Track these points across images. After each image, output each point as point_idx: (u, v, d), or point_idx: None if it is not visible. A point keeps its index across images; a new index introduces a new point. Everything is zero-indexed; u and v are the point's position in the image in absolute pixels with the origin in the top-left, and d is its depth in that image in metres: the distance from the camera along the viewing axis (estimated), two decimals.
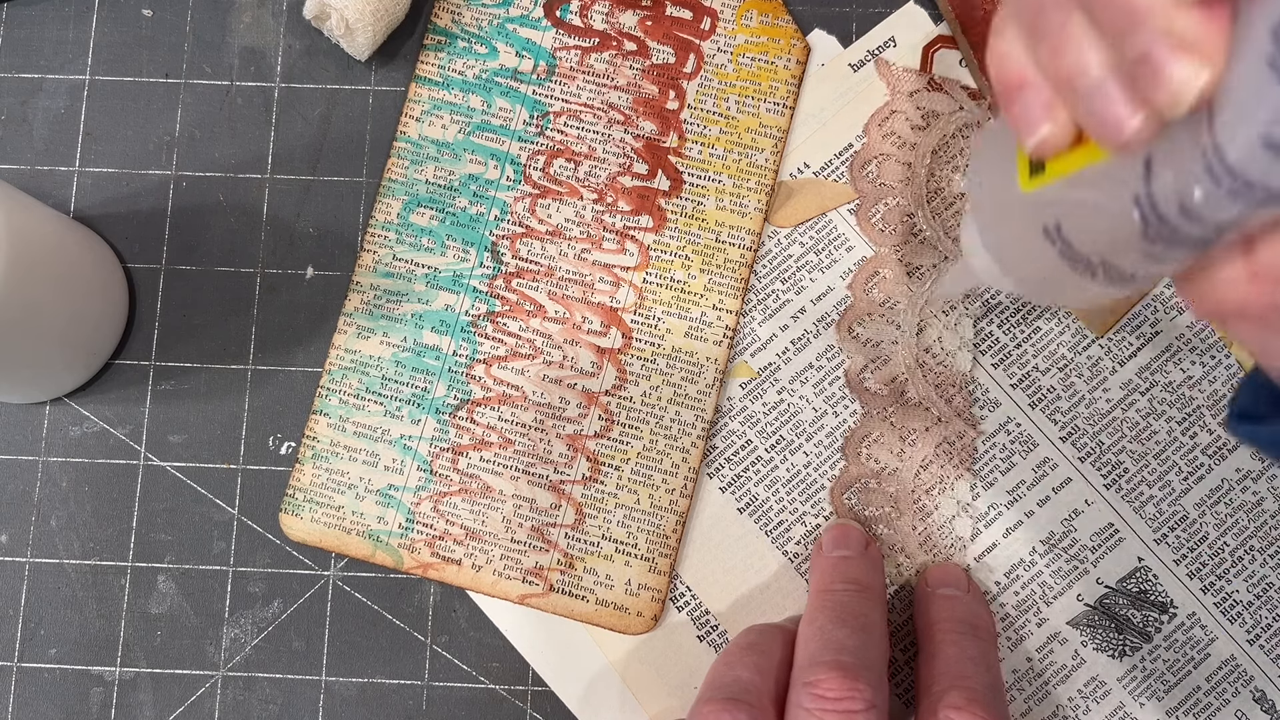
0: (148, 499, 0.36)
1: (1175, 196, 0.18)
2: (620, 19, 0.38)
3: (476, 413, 0.36)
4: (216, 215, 0.38)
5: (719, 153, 0.37)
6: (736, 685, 0.29)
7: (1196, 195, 0.18)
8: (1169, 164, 0.18)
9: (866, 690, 0.28)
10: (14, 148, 0.38)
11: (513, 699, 0.35)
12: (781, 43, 0.38)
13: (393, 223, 0.37)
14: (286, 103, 0.38)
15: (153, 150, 0.38)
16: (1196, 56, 0.17)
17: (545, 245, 0.37)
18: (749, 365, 0.36)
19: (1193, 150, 0.18)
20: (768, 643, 0.31)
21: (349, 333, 0.36)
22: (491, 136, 0.37)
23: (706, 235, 0.36)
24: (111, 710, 0.35)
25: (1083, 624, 0.35)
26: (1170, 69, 0.17)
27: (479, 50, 0.38)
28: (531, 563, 0.35)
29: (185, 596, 0.36)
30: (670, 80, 0.37)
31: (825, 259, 0.37)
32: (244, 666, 0.35)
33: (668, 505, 0.35)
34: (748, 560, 0.35)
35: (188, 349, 0.37)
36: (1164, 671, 0.34)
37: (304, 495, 0.35)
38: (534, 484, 0.35)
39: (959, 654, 0.31)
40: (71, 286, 0.34)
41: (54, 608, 0.36)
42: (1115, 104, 0.18)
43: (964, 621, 0.32)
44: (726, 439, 0.36)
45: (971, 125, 0.37)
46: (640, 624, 0.35)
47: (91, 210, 0.38)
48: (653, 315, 0.36)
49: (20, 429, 0.36)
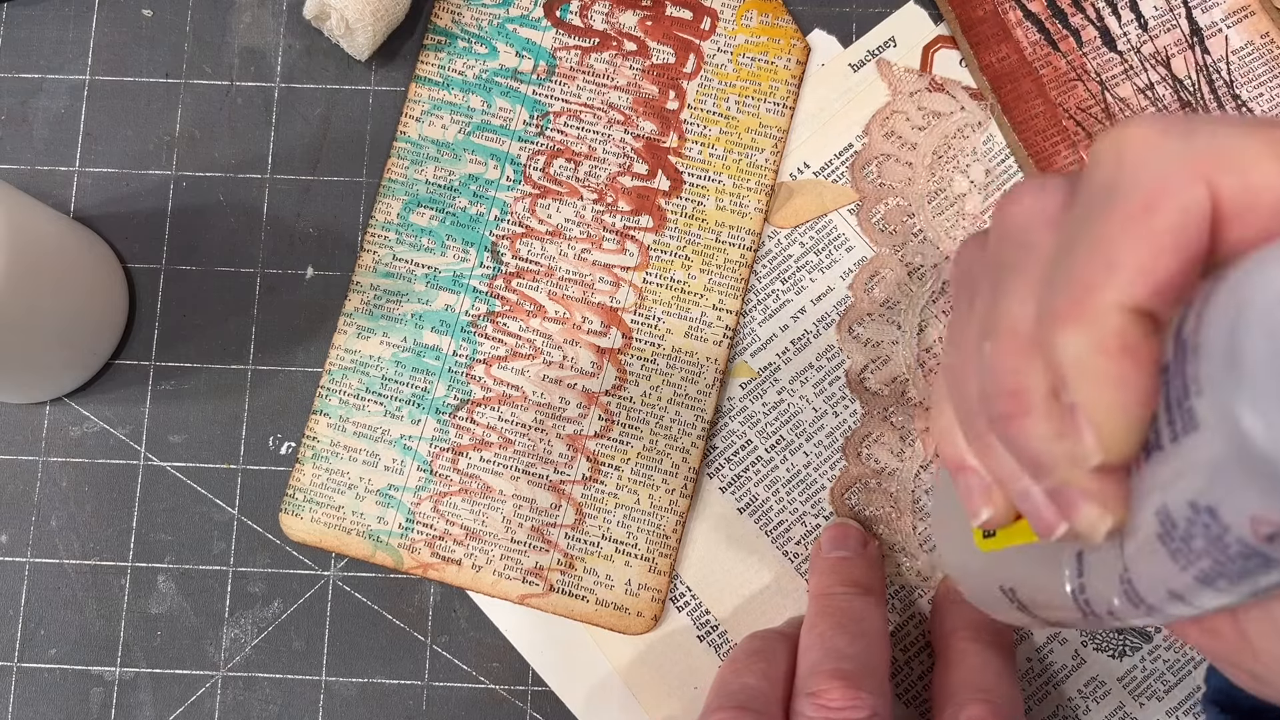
0: (148, 499, 0.36)
1: (1103, 601, 0.20)
2: (620, 19, 0.38)
3: (476, 413, 0.36)
4: (216, 215, 0.38)
5: (719, 153, 0.37)
6: (745, 693, 0.29)
7: (1116, 604, 0.19)
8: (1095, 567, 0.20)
9: (869, 698, 0.28)
10: (14, 148, 0.38)
11: (513, 699, 0.35)
12: (781, 43, 0.38)
13: (393, 223, 0.37)
14: (286, 103, 0.38)
15: (153, 150, 0.38)
16: (1102, 505, 0.18)
17: (545, 245, 0.37)
18: (749, 365, 0.36)
19: (1112, 564, 0.19)
20: (773, 649, 0.31)
21: (349, 333, 0.36)
22: (491, 136, 0.37)
23: (706, 235, 0.36)
24: (111, 710, 0.35)
25: None
26: (1079, 509, 0.18)
27: (479, 50, 0.38)
28: (531, 563, 0.35)
29: (185, 596, 0.36)
30: (670, 80, 0.37)
31: (825, 259, 0.37)
32: (244, 666, 0.35)
33: (668, 505, 0.35)
34: (748, 560, 0.35)
35: (188, 349, 0.37)
36: (1164, 671, 0.34)
37: (304, 495, 0.35)
38: (534, 484, 0.35)
39: (980, 664, 0.31)
40: (71, 286, 0.34)
41: (54, 608, 0.36)
42: (1042, 510, 0.19)
43: (984, 631, 0.32)
44: (726, 439, 0.36)
45: (973, 125, 0.37)
46: (640, 624, 0.35)
47: (91, 210, 0.38)
48: (653, 315, 0.36)
49: (20, 429, 0.36)
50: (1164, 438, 0.16)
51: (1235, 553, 0.16)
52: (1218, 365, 0.15)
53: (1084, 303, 0.17)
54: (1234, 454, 0.15)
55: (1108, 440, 0.17)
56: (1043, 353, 0.18)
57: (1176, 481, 0.16)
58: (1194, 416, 0.16)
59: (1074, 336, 0.17)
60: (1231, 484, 0.15)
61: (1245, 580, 0.16)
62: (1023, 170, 0.37)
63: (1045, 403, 0.18)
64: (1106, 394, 0.16)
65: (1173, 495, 0.16)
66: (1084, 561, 0.20)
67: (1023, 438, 0.18)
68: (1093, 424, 0.17)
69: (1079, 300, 0.17)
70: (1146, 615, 0.19)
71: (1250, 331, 0.14)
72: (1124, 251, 0.16)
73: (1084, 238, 0.17)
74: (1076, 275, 0.17)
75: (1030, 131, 0.36)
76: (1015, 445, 0.19)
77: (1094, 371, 0.16)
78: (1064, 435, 0.17)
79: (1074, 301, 0.17)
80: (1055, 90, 0.37)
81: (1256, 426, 0.14)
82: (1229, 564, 0.16)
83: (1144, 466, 0.17)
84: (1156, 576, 0.18)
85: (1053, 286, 0.17)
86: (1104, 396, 0.16)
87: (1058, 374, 0.17)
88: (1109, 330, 0.16)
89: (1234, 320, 0.15)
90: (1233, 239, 0.16)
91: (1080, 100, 0.37)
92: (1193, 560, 0.17)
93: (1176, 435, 0.16)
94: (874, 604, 0.31)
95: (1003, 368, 0.18)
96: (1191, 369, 0.16)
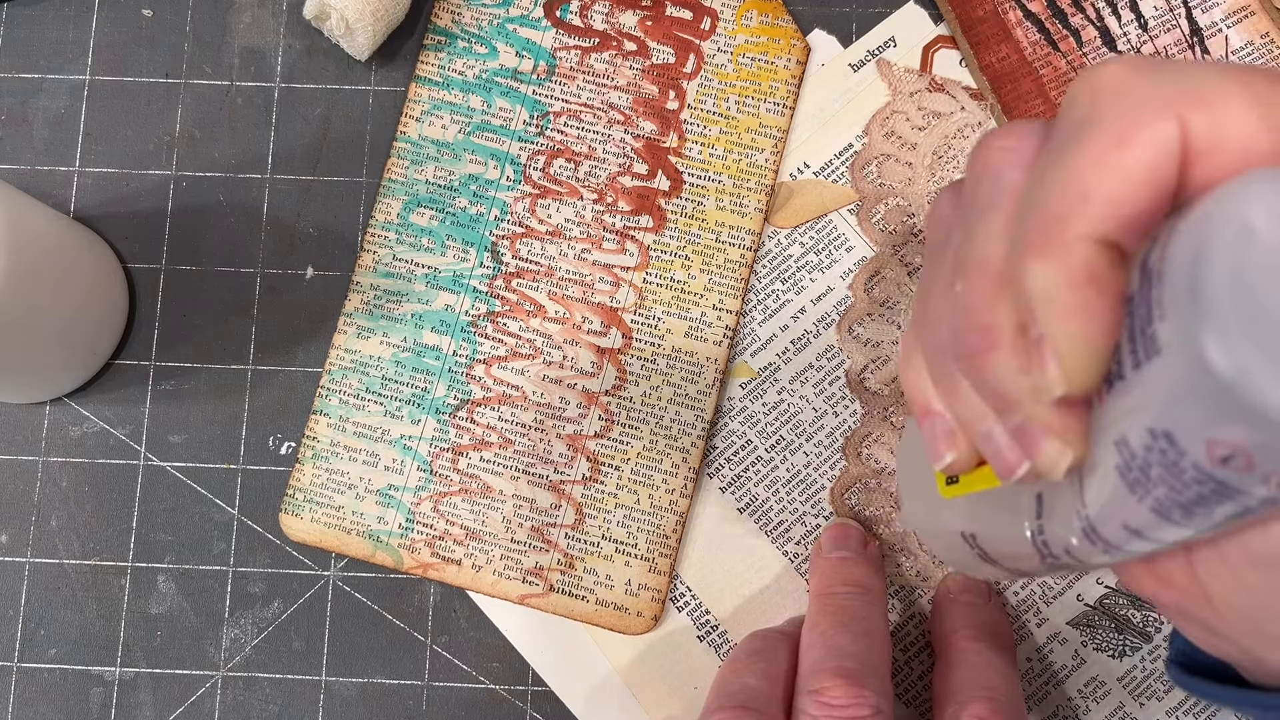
0: (148, 499, 0.36)
1: (1060, 541, 0.20)
2: (620, 19, 0.38)
3: (476, 413, 0.36)
4: (216, 215, 0.38)
5: (719, 153, 0.37)
6: (745, 693, 0.29)
7: (1074, 544, 0.20)
8: (1054, 507, 0.20)
9: (871, 696, 0.28)
10: (14, 148, 0.38)
11: (513, 699, 0.35)
12: (781, 43, 0.38)
13: (393, 223, 0.37)
14: (286, 103, 0.38)
15: (153, 150, 0.38)
16: (1063, 440, 0.18)
17: (545, 245, 0.37)
18: (749, 365, 0.36)
19: (1070, 503, 0.19)
20: (773, 649, 0.31)
21: (349, 333, 0.36)
22: (491, 136, 0.37)
23: (706, 235, 0.36)
24: (111, 710, 0.35)
25: (1083, 624, 0.35)
26: (1041, 445, 0.18)
27: (479, 50, 0.38)
28: (531, 563, 0.35)
29: (185, 596, 0.36)
30: (670, 80, 0.37)
31: (825, 259, 0.37)
32: (244, 666, 0.35)
33: (668, 505, 0.35)
34: (748, 560, 0.35)
35: (188, 349, 0.37)
36: (1164, 671, 0.34)
37: (304, 495, 0.35)
38: (534, 484, 0.35)
39: (982, 663, 0.31)
40: (71, 286, 0.34)
41: (54, 608, 0.36)
42: (1003, 451, 0.19)
43: (986, 630, 0.32)
44: (726, 439, 0.36)
45: (973, 125, 0.37)
46: (640, 624, 0.35)
47: (91, 210, 0.38)
48: (653, 315, 0.36)
49: (20, 429, 0.36)
50: (1126, 367, 0.17)
51: (1190, 478, 0.16)
52: (1181, 290, 0.15)
53: (1054, 235, 0.17)
54: (1193, 378, 0.15)
55: (1071, 371, 0.17)
56: (1012, 287, 0.18)
57: (1136, 410, 0.17)
58: (1156, 341, 0.16)
59: (1043, 268, 0.17)
60: (1189, 408, 0.16)
61: (1200, 510, 0.17)
62: None
63: (1013, 337, 0.18)
64: (1072, 324, 0.17)
65: (1132, 424, 0.17)
66: (1043, 504, 0.21)
67: (990, 372, 0.19)
68: (1057, 355, 0.17)
69: (1049, 232, 0.17)
70: (1104, 553, 0.19)
71: (1212, 258, 0.15)
72: (1095, 184, 0.17)
73: (1056, 172, 0.17)
74: (1048, 208, 0.17)
75: None
76: (982, 381, 0.19)
77: (1061, 302, 0.17)
78: (1029, 369, 0.18)
79: (1044, 234, 0.17)
80: (1055, 90, 0.37)
81: (1215, 350, 0.15)
82: (1184, 490, 0.17)
83: (1105, 399, 0.18)
84: (1114, 511, 0.18)
85: (1024, 221, 0.18)
86: (1069, 327, 0.17)
87: (1026, 306, 0.17)
88: (1077, 261, 0.17)
89: (1198, 247, 0.15)
90: (1199, 178, 0.17)
91: None
92: (1149, 490, 0.17)
93: (1139, 362, 0.17)
94: (875, 603, 0.31)
95: (973, 304, 0.19)
96: (1156, 294, 0.16)
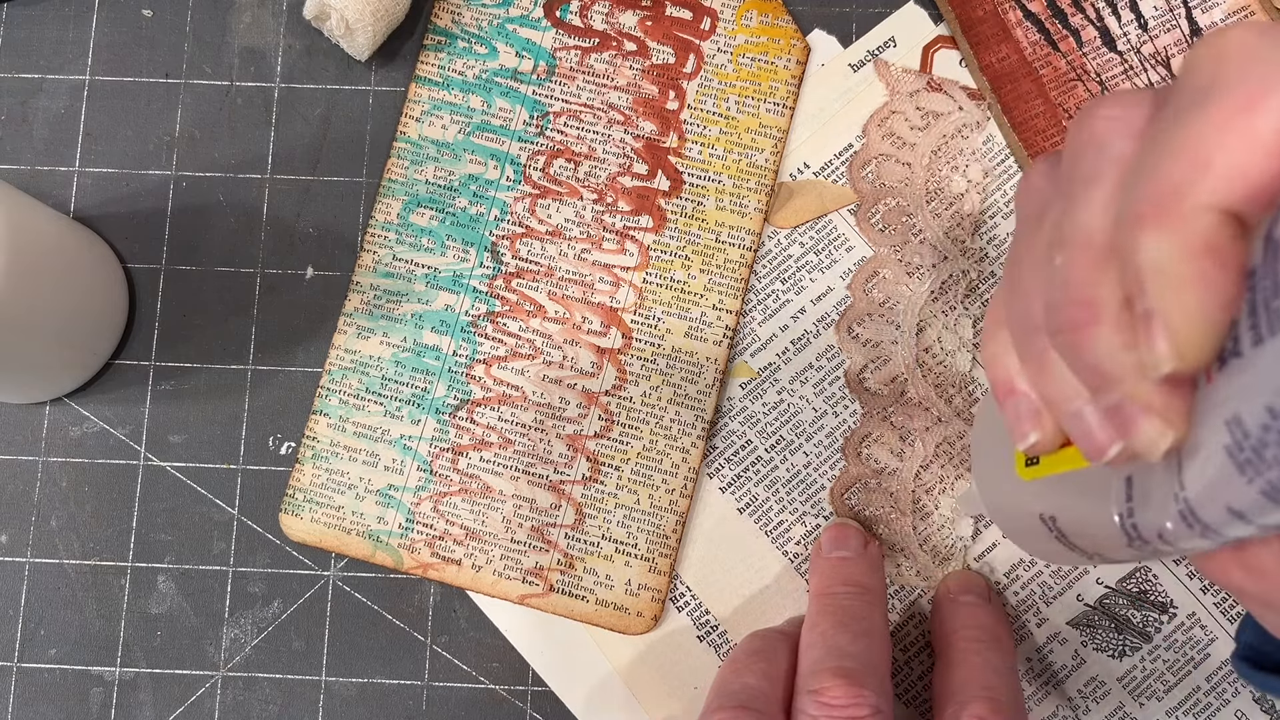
0: (148, 499, 0.36)
1: (1153, 525, 0.19)
2: (620, 19, 0.38)
3: (476, 413, 0.36)
4: (216, 215, 0.38)
5: (719, 153, 0.37)
6: (745, 692, 0.29)
7: (1168, 528, 0.19)
8: (1147, 490, 0.20)
9: (871, 696, 0.28)
10: (14, 148, 0.38)
11: (513, 699, 0.35)
12: (781, 43, 0.38)
13: (393, 223, 0.37)
14: (286, 103, 0.38)
15: (153, 150, 0.38)
16: (1163, 420, 0.18)
17: (545, 245, 0.37)
18: (749, 365, 0.36)
19: (1166, 485, 0.19)
20: (773, 648, 0.31)
21: (349, 333, 0.36)
22: (491, 136, 0.37)
23: (706, 235, 0.36)
24: (111, 710, 0.35)
25: (1083, 624, 0.35)
26: (1139, 425, 0.18)
27: (479, 50, 0.38)
28: (531, 563, 0.35)
29: (185, 596, 0.36)
30: (670, 80, 0.37)
31: (825, 259, 0.37)
32: (244, 666, 0.35)
33: (668, 505, 0.35)
34: (748, 560, 0.35)
35: (188, 349, 0.37)
36: (1164, 671, 0.34)
37: (304, 495, 0.35)
38: (534, 484, 0.35)
39: (983, 664, 0.31)
40: (71, 286, 0.34)
41: (54, 608, 0.36)
42: (1094, 431, 0.19)
43: (986, 631, 0.32)
44: (726, 439, 0.36)
45: (971, 126, 0.37)
46: (640, 624, 0.35)
47: (91, 210, 0.38)
48: (653, 315, 0.36)
49: (20, 429, 0.36)
50: (1244, 343, 0.16)
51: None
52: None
53: (1170, 204, 0.16)
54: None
55: (1184, 346, 0.16)
56: (1120, 259, 0.17)
57: (1254, 388, 0.16)
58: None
59: (1157, 239, 0.16)
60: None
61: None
62: (1022, 170, 0.37)
63: (1116, 312, 0.18)
64: (1188, 297, 0.16)
65: (1248, 403, 0.16)
66: (1133, 486, 0.20)
67: (1089, 348, 0.18)
68: (1169, 330, 0.16)
69: (1165, 202, 0.16)
70: (1200, 537, 0.18)
71: None
72: (1218, 151, 0.16)
73: (1174, 139, 0.17)
74: (1164, 176, 0.16)
75: (1030, 132, 0.36)
76: (1080, 357, 0.18)
77: (1177, 275, 0.16)
78: (1134, 345, 0.17)
79: (1159, 203, 0.16)
80: (1055, 90, 0.37)
81: None
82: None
83: (1216, 377, 0.17)
84: (1218, 494, 0.18)
85: (1135, 190, 0.17)
86: (1185, 300, 0.16)
87: (1135, 279, 0.17)
88: (1195, 232, 0.16)
89: None
90: None
91: (1080, 100, 0.37)
92: (1262, 471, 0.16)
93: (1260, 338, 0.16)
94: (875, 603, 0.31)
95: (1074, 278, 0.18)
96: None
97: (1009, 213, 0.37)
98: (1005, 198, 0.37)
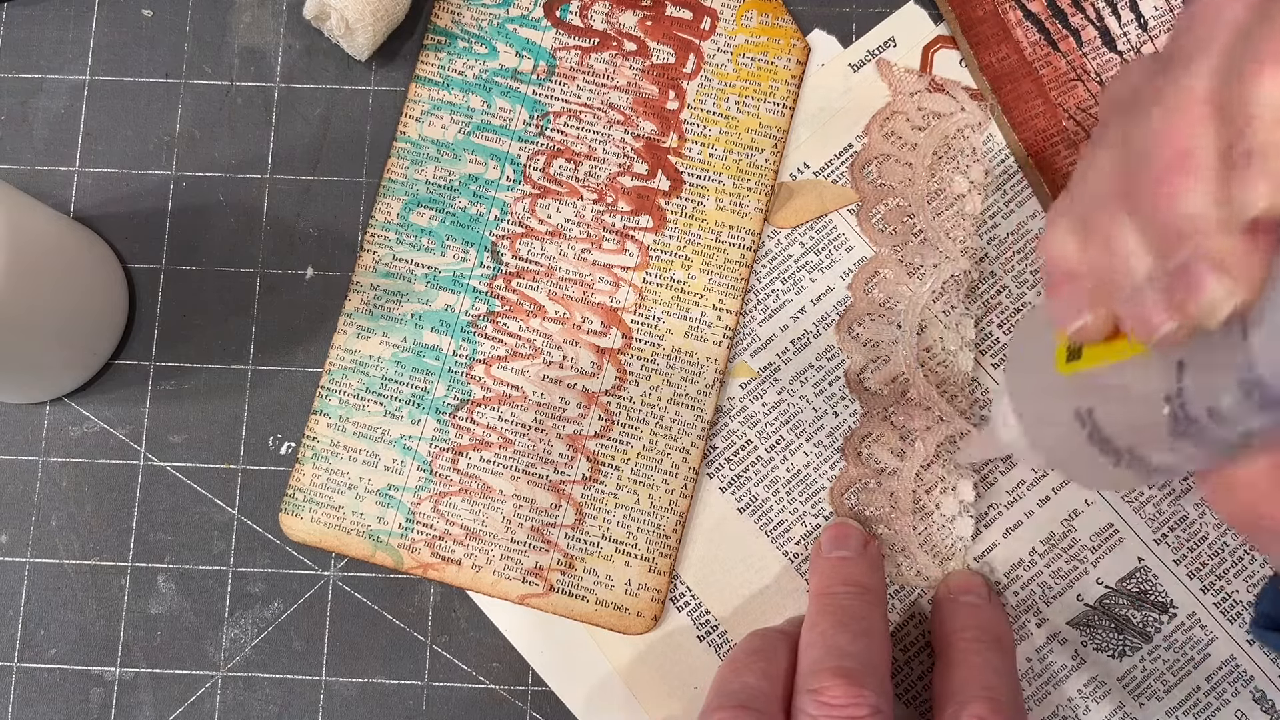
0: (148, 499, 0.36)
1: (1204, 400, 0.19)
2: (620, 19, 0.38)
3: (476, 413, 0.36)
4: (216, 215, 0.38)
5: (719, 153, 0.37)
6: (745, 692, 0.29)
7: (1225, 402, 0.19)
8: (1201, 368, 0.19)
9: (871, 696, 0.28)
10: (14, 148, 0.38)
11: (513, 699, 0.35)
12: (781, 43, 0.38)
13: (393, 223, 0.37)
14: (286, 103, 0.38)
15: (153, 150, 0.38)
16: (1233, 279, 0.18)
17: (545, 245, 0.37)
18: (749, 365, 0.36)
19: (1224, 359, 0.19)
20: (772, 648, 0.31)
21: (349, 333, 0.36)
22: (491, 136, 0.37)
23: (706, 235, 0.36)
24: (111, 710, 0.35)
25: (1083, 624, 0.35)
26: (1207, 284, 0.18)
27: (479, 50, 0.38)
28: (531, 563, 0.35)
29: (185, 596, 0.36)
30: (670, 80, 0.37)
31: (825, 259, 0.37)
32: (244, 666, 0.35)
33: (668, 505, 0.35)
34: (748, 560, 0.35)
35: (188, 349, 0.37)
36: (1164, 671, 0.34)
37: (304, 495, 0.35)
38: (534, 484, 0.35)
39: (983, 664, 0.31)
40: (71, 286, 0.34)
41: (54, 608, 0.36)
42: (1152, 307, 0.19)
43: (986, 631, 0.32)
44: (726, 439, 0.36)
45: (973, 126, 0.37)
46: (640, 624, 0.35)
47: (91, 210, 0.38)
48: (653, 315, 0.36)
49: (20, 429, 0.36)
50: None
51: None
52: None
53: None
54: None
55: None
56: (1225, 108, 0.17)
57: None
58: None
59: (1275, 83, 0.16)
60: None
61: None
62: (1022, 170, 0.37)
63: (1211, 165, 0.18)
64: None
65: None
66: (1183, 369, 0.20)
67: (1179, 198, 0.18)
68: (1269, 169, 0.16)
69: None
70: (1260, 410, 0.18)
71: None
72: None
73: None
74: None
75: (1030, 131, 0.36)
76: (1166, 209, 0.19)
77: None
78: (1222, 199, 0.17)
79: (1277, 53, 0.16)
80: (1055, 90, 0.37)
81: None
82: None
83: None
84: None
85: (1254, 43, 0.17)
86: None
87: (1243, 122, 0.17)
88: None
89: None
90: None
91: (1080, 100, 0.37)
92: None
93: None
94: (875, 603, 0.31)
95: (1172, 129, 0.18)
96: None
97: (1009, 213, 0.37)
98: (1005, 198, 0.37)
